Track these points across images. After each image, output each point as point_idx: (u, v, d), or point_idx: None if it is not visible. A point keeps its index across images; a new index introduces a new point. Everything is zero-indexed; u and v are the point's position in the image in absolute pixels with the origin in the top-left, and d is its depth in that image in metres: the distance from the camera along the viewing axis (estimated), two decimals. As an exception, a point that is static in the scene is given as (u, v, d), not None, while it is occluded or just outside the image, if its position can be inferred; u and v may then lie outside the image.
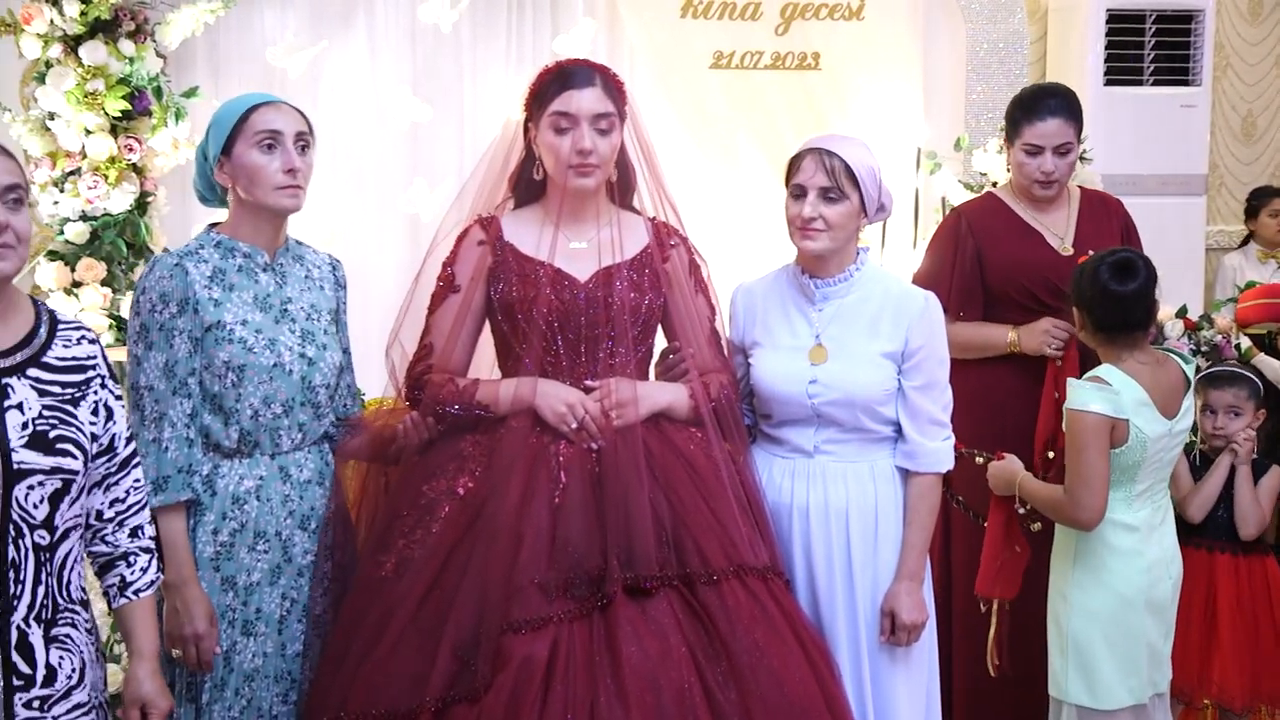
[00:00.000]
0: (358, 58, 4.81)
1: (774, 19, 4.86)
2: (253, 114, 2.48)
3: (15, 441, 1.96)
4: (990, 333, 3.34)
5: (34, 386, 2.02)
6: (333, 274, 2.67)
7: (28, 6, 4.07)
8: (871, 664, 2.60)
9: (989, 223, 3.40)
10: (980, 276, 3.37)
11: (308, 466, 2.54)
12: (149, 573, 2.20)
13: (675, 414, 2.57)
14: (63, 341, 2.09)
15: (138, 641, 2.17)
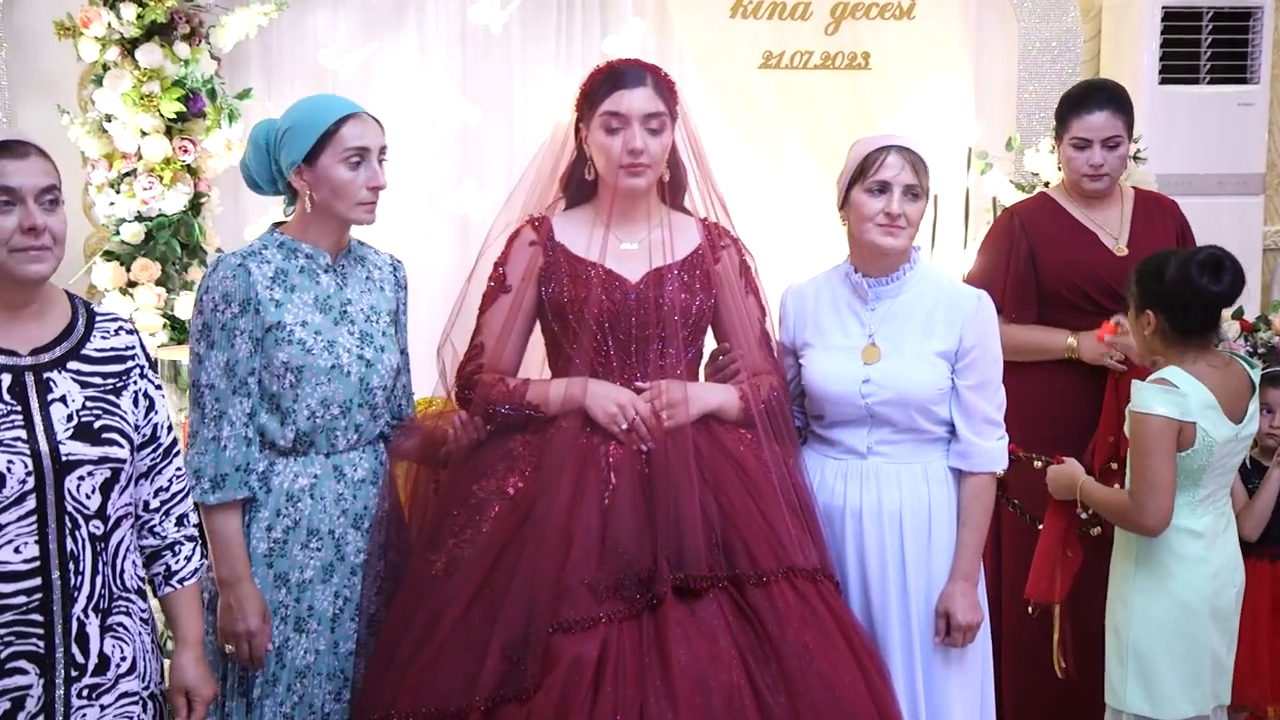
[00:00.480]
0: (408, 59, 4.84)
1: (824, 18, 4.84)
2: (342, 127, 2.48)
3: (62, 434, 1.99)
4: (1047, 337, 3.31)
5: (75, 379, 2.05)
6: (394, 275, 2.68)
7: (86, 10, 4.14)
8: (925, 666, 2.59)
9: (1042, 222, 3.36)
10: (1034, 277, 3.33)
11: (362, 466, 2.56)
12: (193, 561, 2.23)
13: (725, 415, 2.56)
14: (100, 333, 2.11)
15: (182, 629, 2.21)
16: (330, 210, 2.51)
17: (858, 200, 2.60)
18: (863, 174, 2.60)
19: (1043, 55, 4.92)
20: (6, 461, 1.93)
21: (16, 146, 2.00)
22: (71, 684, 2.00)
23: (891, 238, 2.59)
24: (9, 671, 1.95)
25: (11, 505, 1.94)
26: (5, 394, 1.98)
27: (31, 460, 1.95)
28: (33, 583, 1.96)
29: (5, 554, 1.94)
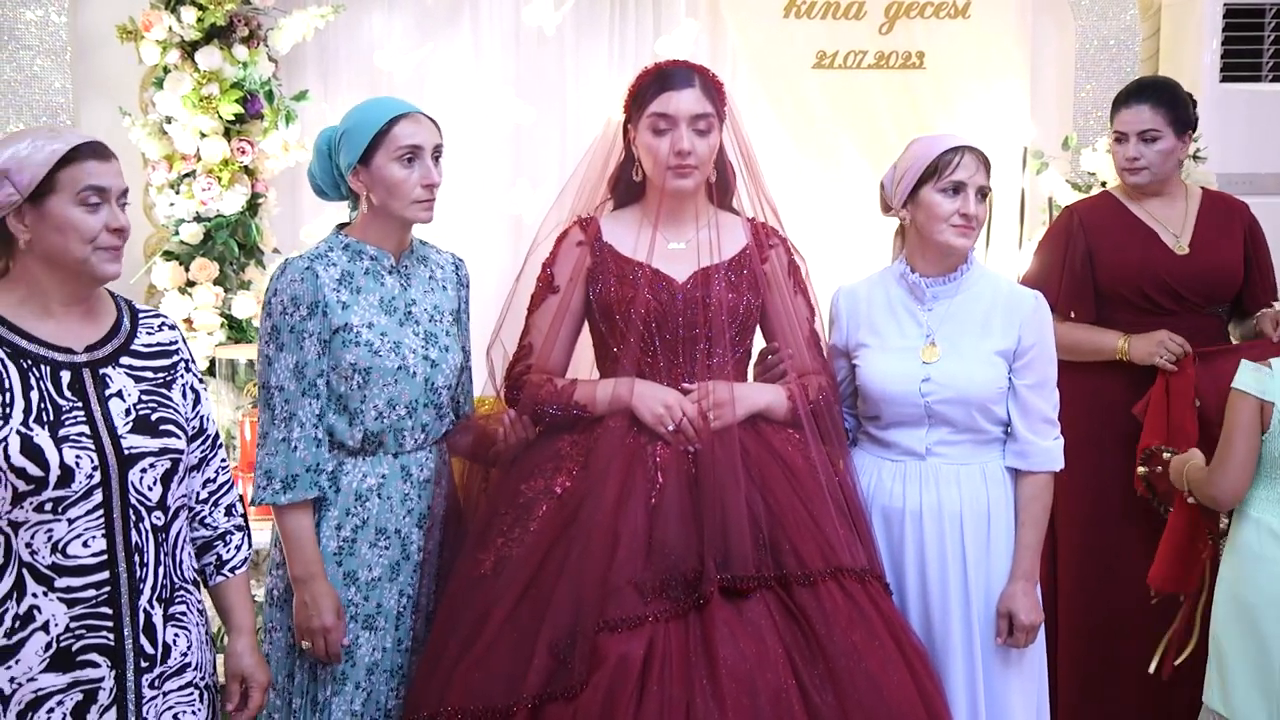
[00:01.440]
0: (462, 60, 4.86)
1: (878, 18, 4.81)
2: (394, 127, 2.49)
3: (122, 428, 2.02)
4: (1101, 338, 3.28)
5: (129, 374, 2.08)
6: (456, 273, 2.69)
7: (147, 14, 4.20)
8: (986, 667, 2.59)
9: (1101, 220, 3.34)
10: (1091, 276, 3.30)
11: (428, 466, 2.58)
12: (243, 550, 2.26)
13: (773, 415, 2.56)
14: (145, 329, 2.15)
15: (236, 617, 2.24)
16: (388, 210, 2.53)
17: (930, 200, 2.59)
18: (936, 174, 2.59)
19: (1100, 54, 4.86)
20: (75, 456, 1.96)
21: (101, 148, 2.04)
22: (141, 675, 2.03)
23: (965, 238, 2.60)
24: (81, 664, 1.98)
25: (80, 500, 1.97)
26: (66, 390, 2.00)
27: (96, 454, 1.98)
28: (101, 576, 1.99)
29: (74, 548, 1.98)
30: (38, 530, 1.96)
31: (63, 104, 4.47)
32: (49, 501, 1.95)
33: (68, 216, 1.98)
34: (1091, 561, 3.29)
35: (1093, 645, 3.28)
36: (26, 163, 1.96)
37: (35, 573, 1.96)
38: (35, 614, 1.96)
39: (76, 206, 1.98)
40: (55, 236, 1.98)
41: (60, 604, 1.97)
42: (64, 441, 1.96)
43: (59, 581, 1.97)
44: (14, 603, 1.95)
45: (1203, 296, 3.28)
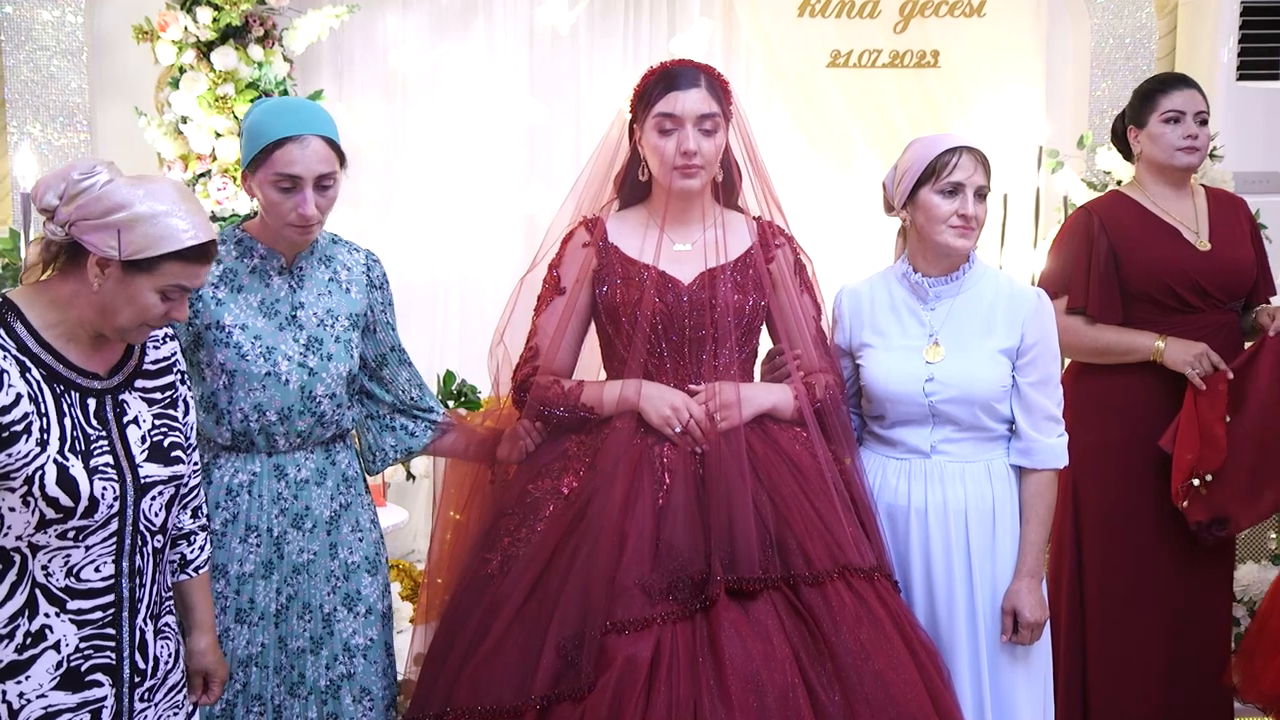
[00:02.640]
0: (476, 60, 4.88)
1: (892, 16, 4.81)
2: (278, 150, 2.39)
3: (139, 456, 2.03)
4: (1134, 339, 3.22)
5: (142, 397, 2.08)
6: (366, 274, 2.62)
7: (164, 15, 4.22)
8: (991, 664, 2.59)
9: (1122, 220, 3.30)
10: (1116, 275, 3.27)
11: (306, 466, 2.54)
12: (206, 550, 2.29)
13: (780, 415, 2.56)
14: (152, 343, 2.14)
15: (198, 614, 2.27)
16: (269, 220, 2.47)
17: (928, 201, 2.59)
18: (934, 175, 2.59)
19: (1116, 52, 4.84)
20: (101, 487, 1.96)
21: (210, 253, 2.02)
22: (135, 690, 2.06)
23: (964, 239, 2.59)
24: (88, 684, 2.00)
25: (99, 528, 1.98)
26: (93, 419, 2.00)
27: (118, 484, 1.99)
28: (108, 599, 2.01)
29: (87, 573, 1.99)
30: (56, 555, 1.96)
31: (79, 104, 4.50)
32: (72, 530, 1.96)
33: (144, 300, 1.96)
34: (1120, 564, 3.26)
35: (1123, 648, 3.26)
36: (146, 234, 1.92)
37: (48, 594, 1.97)
38: (47, 633, 1.97)
39: (155, 294, 1.97)
40: (123, 305, 1.96)
41: (71, 625, 1.98)
42: (94, 473, 1.96)
43: (70, 604, 1.98)
44: (25, 620, 1.96)
45: (1226, 292, 3.26)
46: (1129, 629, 3.24)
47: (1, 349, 1.93)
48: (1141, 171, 3.36)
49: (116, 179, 1.95)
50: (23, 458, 1.89)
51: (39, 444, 1.91)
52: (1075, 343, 3.23)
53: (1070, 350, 3.24)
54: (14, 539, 1.94)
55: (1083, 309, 3.25)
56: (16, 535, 1.93)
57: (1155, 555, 3.22)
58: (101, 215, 1.91)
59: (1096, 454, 3.17)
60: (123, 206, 1.91)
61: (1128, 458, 3.23)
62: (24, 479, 1.89)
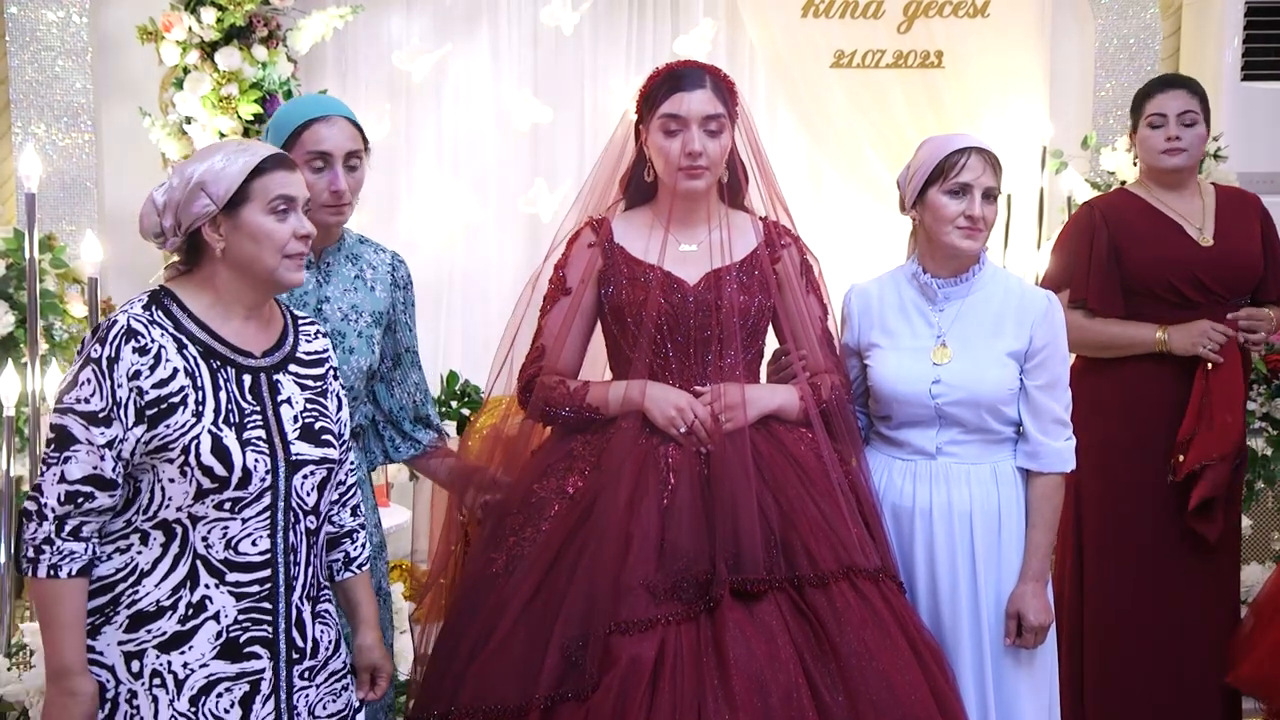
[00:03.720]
0: (480, 61, 4.89)
1: (896, 17, 4.81)
2: (304, 132, 2.44)
3: (291, 434, 2.12)
4: (1136, 331, 3.24)
5: (295, 381, 2.17)
6: (391, 274, 2.64)
7: (168, 15, 4.23)
8: (995, 667, 2.58)
9: (1124, 215, 3.31)
10: (1118, 270, 3.27)
11: None
12: (367, 548, 2.35)
13: (786, 416, 2.56)
14: (304, 337, 2.23)
15: (362, 611, 2.32)
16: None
17: (936, 202, 2.59)
18: (942, 175, 2.58)
19: (1120, 52, 4.84)
20: (254, 459, 2.05)
21: (286, 159, 2.14)
22: (293, 666, 2.13)
23: (971, 240, 2.59)
24: (246, 656, 2.08)
25: (253, 501, 2.07)
26: (248, 394, 2.09)
27: (270, 459, 2.08)
28: (265, 573, 2.09)
29: (244, 546, 2.07)
30: (214, 526, 2.05)
31: (84, 104, 4.51)
32: (228, 500, 2.04)
33: (260, 225, 2.07)
34: (1123, 565, 3.24)
35: (1122, 643, 3.25)
36: (222, 175, 2.05)
37: (209, 565, 2.05)
38: (207, 604, 2.05)
39: (268, 215, 2.07)
40: (249, 244, 2.07)
41: (230, 597, 2.06)
42: (247, 445, 2.05)
43: (230, 576, 2.06)
44: (188, 591, 2.05)
45: (1228, 288, 3.26)
46: (1130, 631, 3.23)
47: (159, 327, 2.05)
48: (1143, 172, 3.39)
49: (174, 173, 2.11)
50: (179, 428, 2.01)
51: (194, 415, 2.02)
52: (1078, 337, 3.22)
53: (1073, 345, 3.23)
54: (174, 510, 2.04)
55: (1083, 302, 3.26)
56: (177, 506, 2.03)
57: (1158, 557, 3.22)
58: (186, 194, 2.06)
59: (1099, 452, 3.17)
60: (193, 174, 2.07)
61: (1128, 456, 3.23)
62: (180, 449, 2.01)
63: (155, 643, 2.03)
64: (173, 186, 2.07)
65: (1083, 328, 3.24)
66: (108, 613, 2.04)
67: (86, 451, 1.98)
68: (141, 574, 2.04)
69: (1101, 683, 3.27)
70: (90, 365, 2.00)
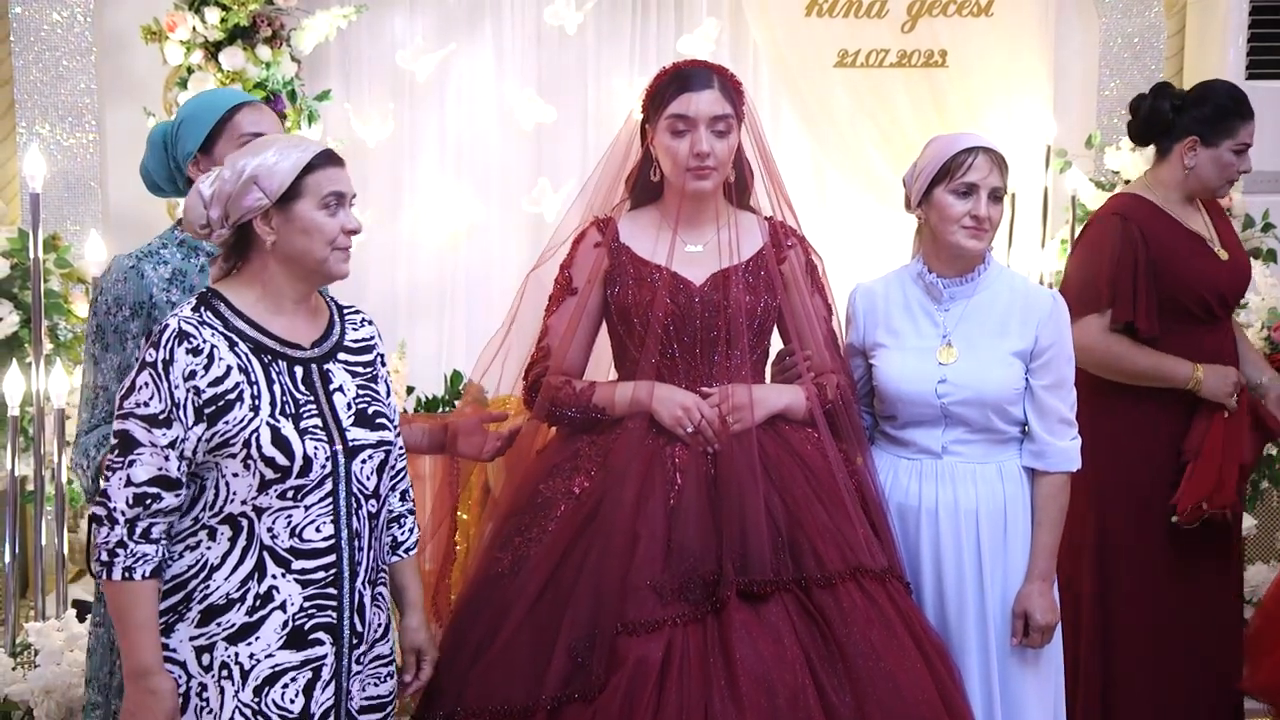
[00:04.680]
0: (484, 60, 4.88)
1: (900, 16, 4.80)
2: (236, 115, 2.44)
3: (346, 421, 2.17)
4: (1172, 366, 3.11)
5: (346, 369, 2.22)
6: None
7: (172, 15, 4.23)
8: (1001, 666, 2.58)
9: (1158, 230, 3.18)
10: (1155, 289, 3.14)
11: None
12: (415, 533, 2.39)
13: (792, 415, 2.56)
14: (350, 325, 2.28)
15: (410, 595, 2.36)
16: None
17: (942, 201, 2.58)
18: (948, 175, 2.57)
19: (1124, 51, 4.84)
20: (313, 447, 2.10)
21: (336, 155, 2.18)
22: (352, 651, 2.17)
23: (977, 241, 2.58)
24: (311, 642, 2.12)
25: (315, 488, 2.11)
26: (300, 385, 2.15)
27: (328, 445, 2.12)
28: (329, 559, 2.13)
29: (309, 533, 2.12)
30: (279, 516, 2.10)
31: (88, 104, 4.52)
32: (291, 489, 2.09)
33: (312, 219, 2.12)
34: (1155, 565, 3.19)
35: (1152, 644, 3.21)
36: (275, 170, 2.10)
37: (275, 555, 2.10)
38: (274, 594, 2.10)
39: (319, 210, 2.12)
40: (300, 238, 2.12)
41: (296, 585, 2.11)
42: (305, 433, 2.10)
43: (295, 564, 2.11)
44: (255, 582, 2.09)
45: (1237, 300, 3.24)
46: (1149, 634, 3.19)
47: (209, 327, 2.10)
48: (1165, 176, 3.23)
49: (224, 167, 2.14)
50: (239, 423, 2.06)
51: (251, 409, 2.08)
52: (1115, 364, 3.13)
53: (1105, 369, 3.14)
54: (239, 504, 2.09)
55: (1129, 325, 3.12)
56: (242, 500, 2.09)
57: (1167, 559, 3.20)
58: (238, 187, 2.10)
59: (1122, 476, 3.15)
60: (244, 168, 2.10)
61: (1151, 479, 3.18)
62: (242, 443, 2.06)
63: (224, 635, 2.08)
64: (223, 179, 2.10)
65: (1121, 356, 3.12)
66: (180, 610, 2.09)
67: (150, 454, 2.03)
68: (212, 569, 2.09)
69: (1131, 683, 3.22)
70: (146, 370, 2.05)
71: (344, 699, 2.16)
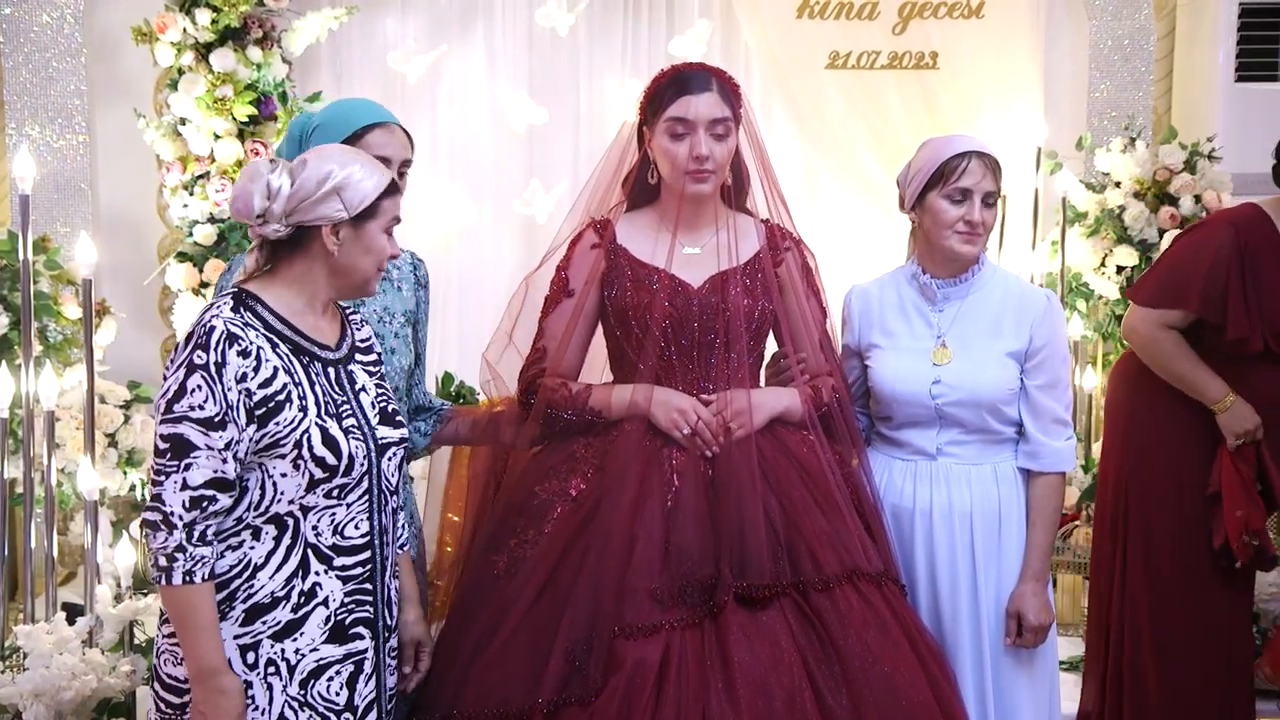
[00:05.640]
0: (476, 62, 4.88)
1: (891, 18, 4.81)
2: (368, 134, 2.47)
3: (374, 420, 2.21)
4: (1206, 380, 3.04)
5: (364, 369, 2.26)
6: (414, 273, 2.67)
7: (162, 16, 4.22)
8: (995, 667, 2.59)
9: (1262, 249, 3.04)
10: None
11: None
12: (406, 529, 2.41)
13: (790, 418, 2.56)
14: (354, 326, 2.31)
15: (407, 589, 2.36)
16: None
17: (936, 206, 2.58)
18: (942, 179, 2.57)
19: (1114, 53, 4.85)
20: (354, 445, 2.14)
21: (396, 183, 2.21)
22: (385, 644, 2.23)
23: (971, 245, 2.59)
24: (352, 637, 2.16)
25: (355, 486, 2.16)
26: (335, 385, 2.18)
27: (364, 445, 2.16)
28: (366, 555, 2.18)
29: (349, 530, 2.16)
30: (323, 514, 2.13)
31: (78, 106, 4.51)
32: (335, 488, 2.13)
33: (377, 241, 2.17)
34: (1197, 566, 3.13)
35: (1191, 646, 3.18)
36: (360, 186, 2.13)
37: (318, 553, 2.13)
38: (317, 590, 2.13)
39: (383, 234, 2.18)
40: (362, 256, 2.16)
41: (337, 581, 2.15)
42: (348, 433, 2.14)
43: (337, 560, 2.15)
44: (300, 580, 2.12)
45: None
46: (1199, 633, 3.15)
47: (252, 329, 2.10)
48: None
49: (296, 164, 2.14)
50: (289, 425, 2.08)
51: (300, 410, 2.10)
52: (1155, 356, 3.08)
53: (1146, 356, 3.10)
54: (286, 504, 2.11)
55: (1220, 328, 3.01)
56: (289, 500, 2.11)
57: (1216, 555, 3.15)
58: (317, 191, 2.11)
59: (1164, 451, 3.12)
60: (329, 176, 2.11)
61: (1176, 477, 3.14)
62: (293, 444, 2.08)
63: (270, 633, 2.11)
64: (303, 179, 2.10)
65: (1165, 351, 3.05)
66: (224, 609, 2.09)
67: (207, 456, 2.04)
68: (255, 569, 2.10)
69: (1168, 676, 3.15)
70: (199, 372, 2.04)
71: (384, 692, 2.20)
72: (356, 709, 2.16)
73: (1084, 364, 4.59)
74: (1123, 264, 4.48)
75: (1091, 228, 4.57)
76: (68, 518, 4.04)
